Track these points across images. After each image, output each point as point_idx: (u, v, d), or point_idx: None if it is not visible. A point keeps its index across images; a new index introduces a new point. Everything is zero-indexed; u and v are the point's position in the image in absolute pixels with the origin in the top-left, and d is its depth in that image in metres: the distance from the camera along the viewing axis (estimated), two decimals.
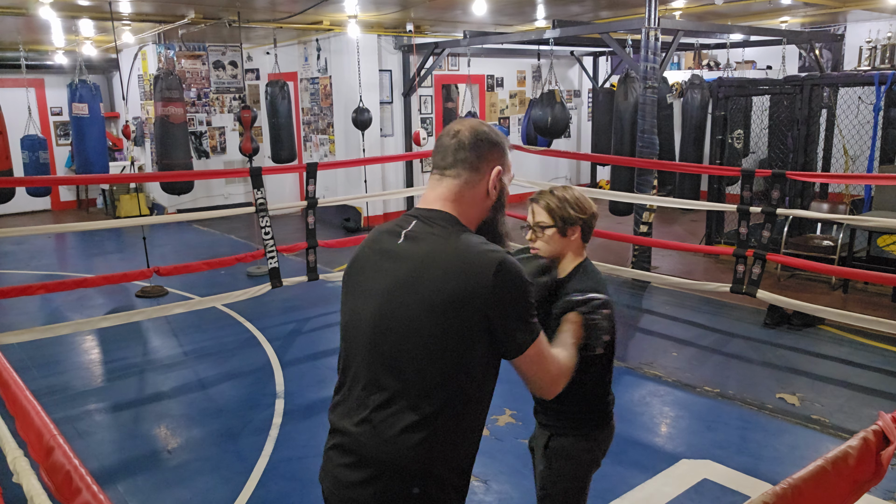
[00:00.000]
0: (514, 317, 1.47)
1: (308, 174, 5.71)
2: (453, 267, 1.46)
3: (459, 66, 10.76)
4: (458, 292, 1.43)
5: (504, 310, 1.45)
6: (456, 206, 1.56)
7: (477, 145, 1.57)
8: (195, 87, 10.87)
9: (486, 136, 1.58)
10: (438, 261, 1.47)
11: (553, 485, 2.18)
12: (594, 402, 2.18)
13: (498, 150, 1.60)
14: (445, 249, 1.49)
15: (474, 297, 1.43)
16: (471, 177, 1.57)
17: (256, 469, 3.62)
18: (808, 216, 6.27)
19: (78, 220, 10.98)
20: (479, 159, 1.57)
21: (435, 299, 1.44)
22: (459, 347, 1.46)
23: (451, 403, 1.48)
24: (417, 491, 1.42)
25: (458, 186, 1.57)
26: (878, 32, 8.43)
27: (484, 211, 1.61)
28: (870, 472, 1.33)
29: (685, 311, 6.11)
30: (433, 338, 1.46)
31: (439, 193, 1.58)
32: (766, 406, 4.22)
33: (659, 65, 6.41)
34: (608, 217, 7.86)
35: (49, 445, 1.42)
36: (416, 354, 1.46)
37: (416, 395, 1.46)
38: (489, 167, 1.58)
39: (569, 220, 2.12)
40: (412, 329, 1.47)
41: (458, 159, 1.56)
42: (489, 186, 1.59)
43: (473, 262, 1.45)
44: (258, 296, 5.58)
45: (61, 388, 4.75)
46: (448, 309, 1.44)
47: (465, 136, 1.57)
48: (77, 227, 9.13)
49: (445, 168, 1.58)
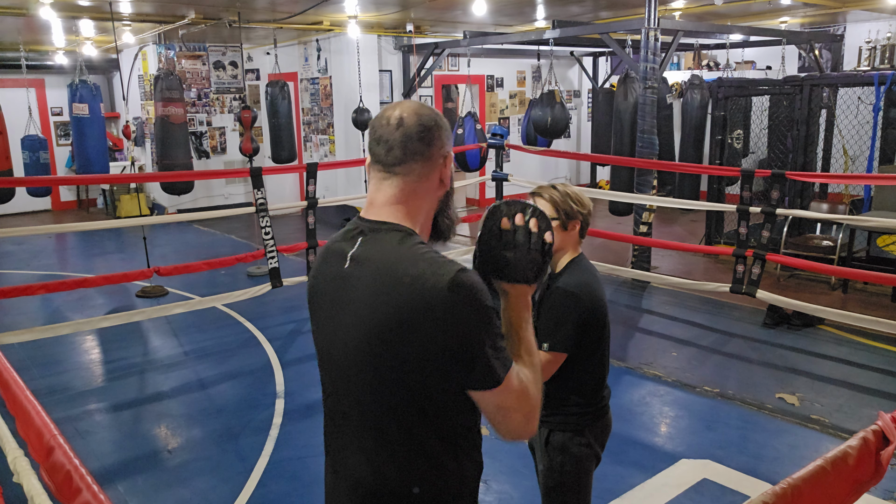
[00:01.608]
0: (475, 342, 1.28)
1: (308, 174, 5.71)
2: (401, 291, 1.29)
3: (459, 67, 10.76)
4: (407, 319, 1.28)
5: (461, 335, 1.27)
6: (407, 208, 1.39)
7: (426, 133, 1.37)
8: (195, 87, 10.87)
9: (433, 120, 1.39)
10: (385, 286, 1.31)
11: (554, 480, 2.19)
12: (590, 397, 2.20)
13: (445, 133, 1.42)
14: (392, 271, 1.32)
15: (425, 323, 1.27)
16: (424, 169, 1.38)
17: (256, 469, 3.62)
18: (807, 216, 6.28)
19: (78, 220, 10.98)
20: (430, 147, 1.38)
21: (385, 330, 1.30)
22: (422, 381, 1.31)
23: (430, 438, 1.37)
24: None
25: (410, 184, 1.38)
26: (877, 33, 8.43)
27: (436, 202, 1.45)
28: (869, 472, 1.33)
29: (685, 311, 6.11)
30: (390, 372, 1.33)
31: (388, 196, 1.39)
32: (765, 406, 4.23)
33: (659, 65, 6.41)
34: (608, 217, 7.86)
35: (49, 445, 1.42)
36: (380, 393, 1.36)
37: (388, 436, 1.38)
38: (440, 154, 1.40)
39: (570, 213, 2.17)
40: (369, 365, 1.35)
41: (409, 153, 1.36)
42: (443, 175, 1.42)
43: (423, 284, 1.28)
44: (258, 296, 5.58)
45: (62, 387, 4.75)
46: (398, 339, 1.30)
47: (410, 125, 1.36)
48: (77, 227, 9.15)
49: (393, 164, 1.37)
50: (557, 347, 2.09)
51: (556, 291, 2.13)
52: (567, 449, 2.17)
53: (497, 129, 7.33)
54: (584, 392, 2.18)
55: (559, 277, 2.16)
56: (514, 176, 7.19)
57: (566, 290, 2.12)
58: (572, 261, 2.21)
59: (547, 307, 2.13)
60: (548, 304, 2.13)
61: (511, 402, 1.33)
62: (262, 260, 5.60)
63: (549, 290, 2.14)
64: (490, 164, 7.94)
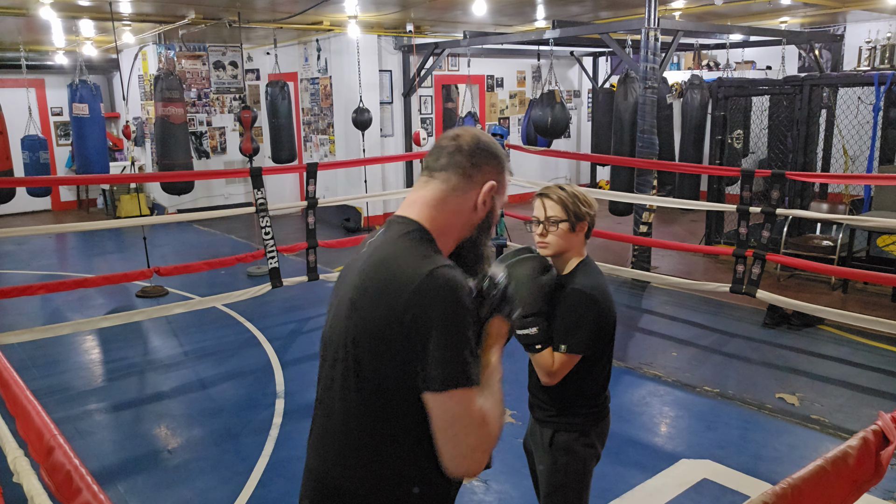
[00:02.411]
0: (437, 340, 1.24)
1: (308, 174, 5.71)
2: (377, 283, 1.31)
3: (459, 67, 10.76)
4: (376, 314, 1.28)
5: (425, 324, 1.24)
6: (435, 213, 1.41)
7: (475, 152, 1.42)
8: (195, 87, 10.87)
9: (488, 146, 1.44)
10: (369, 276, 1.34)
11: (559, 481, 2.19)
12: (596, 398, 2.22)
13: (497, 164, 1.45)
14: (379, 256, 1.35)
15: (394, 304, 1.26)
16: (461, 184, 1.41)
17: (257, 469, 3.62)
18: (807, 216, 6.28)
19: (78, 220, 10.98)
20: (474, 167, 1.42)
21: (358, 322, 1.32)
22: (384, 371, 1.30)
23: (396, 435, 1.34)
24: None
25: (445, 192, 1.41)
26: (877, 33, 8.42)
27: (468, 226, 1.45)
28: (869, 472, 1.33)
29: (685, 311, 6.11)
30: (358, 368, 1.33)
31: (421, 196, 1.43)
32: (765, 406, 4.23)
33: (659, 65, 6.41)
34: (608, 217, 7.86)
35: (49, 445, 1.42)
36: (347, 379, 1.35)
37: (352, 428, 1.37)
38: (483, 179, 1.43)
39: (579, 215, 2.16)
40: (342, 355, 1.36)
41: (452, 162, 1.42)
42: (479, 200, 1.43)
43: (401, 268, 1.29)
44: (258, 296, 5.58)
45: (62, 387, 4.75)
46: (368, 334, 1.30)
47: (465, 141, 1.43)
48: (77, 228, 9.15)
49: (436, 170, 1.43)
50: (574, 349, 2.08)
51: (574, 293, 2.10)
52: (572, 449, 2.17)
53: (497, 129, 7.33)
54: (591, 393, 2.19)
55: (572, 279, 2.14)
56: (514, 176, 7.17)
57: (584, 292, 2.10)
58: (582, 262, 2.20)
59: (564, 308, 2.10)
60: (565, 305, 2.11)
61: (465, 421, 1.26)
62: (262, 260, 5.60)
63: (565, 292, 2.11)
64: None
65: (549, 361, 2.09)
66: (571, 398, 2.17)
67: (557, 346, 2.08)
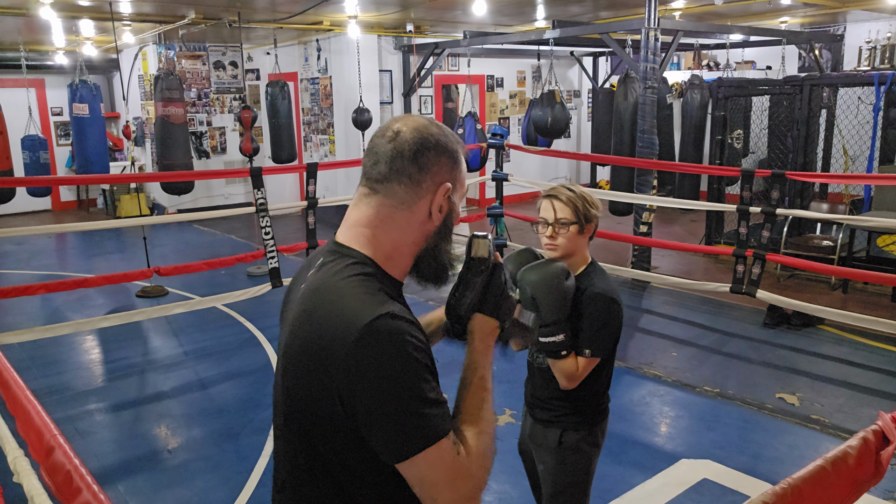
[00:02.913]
0: (384, 407, 1.05)
1: (308, 174, 5.71)
2: (312, 324, 1.13)
3: (459, 67, 10.76)
4: (312, 357, 1.11)
5: (367, 397, 1.06)
6: (379, 235, 1.20)
7: (420, 152, 1.18)
8: (195, 87, 10.87)
9: (435, 141, 1.19)
10: (303, 314, 1.16)
11: (567, 479, 2.20)
12: (602, 396, 2.23)
13: (448, 161, 1.21)
14: (315, 301, 1.16)
15: (328, 365, 1.08)
16: (408, 195, 1.18)
17: (257, 469, 3.62)
18: (807, 216, 6.27)
19: (78, 220, 10.98)
20: (422, 172, 1.18)
21: (291, 365, 1.17)
22: (324, 437, 1.14)
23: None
24: None
25: (389, 207, 1.19)
26: (877, 33, 8.42)
27: (422, 238, 1.23)
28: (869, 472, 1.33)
29: (685, 311, 6.11)
30: (296, 417, 1.18)
31: (361, 216, 1.21)
32: (765, 406, 4.23)
33: (659, 65, 6.41)
34: (608, 217, 7.85)
35: (49, 445, 1.42)
36: (290, 442, 1.22)
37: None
38: (435, 182, 1.19)
39: (588, 216, 2.14)
40: (281, 402, 1.22)
41: (394, 170, 1.18)
42: (433, 207, 1.20)
43: (335, 319, 1.09)
44: (258, 296, 5.57)
45: (62, 387, 4.75)
46: (305, 409, 1.14)
47: (405, 140, 1.18)
48: (77, 227, 9.14)
49: (376, 180, 1.20)
50: (598, 353, 2.08)
51: (599, 298, 2.08)
52: (580, 448, 2.18)
53: (497, 129, 7.34)
54: (599, 392, 2.20)
55: (588, 282, 2.12)
56: (514, 176, 7.19)
57: (607, 297, 2.09)
58: (592, 264, 2.19)
59: (590, 313, 2.07)
60: (590, 309, 2.08)
61: (437, 478, 1.10)
62: (262, 260, 5.60)
63: (584, 296, 2.09)
64: (490, 164, 7.94)
65: (574, 367, 2.06)
66: (580, 398, 2.17)
67: (581, 350, 2.06)
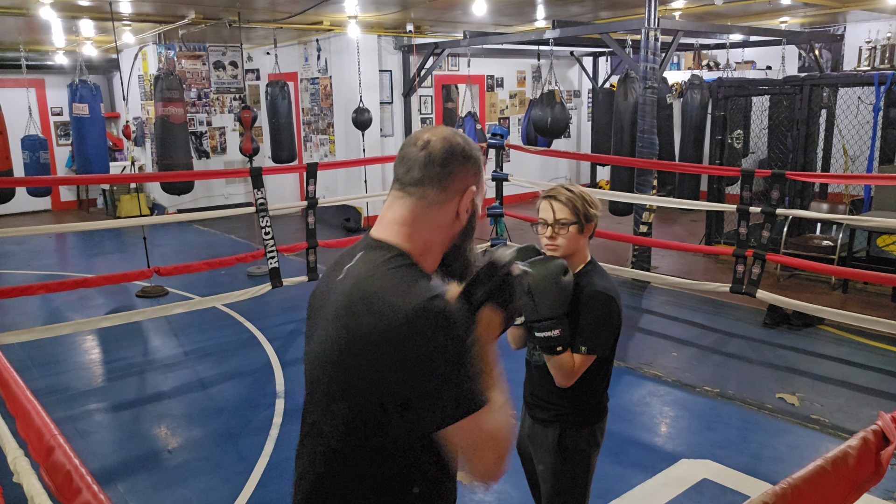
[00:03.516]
0: (436, 378, 1.19)
1: (308, 174, 5.71)
2: (361, 310, 1.23)
3: (459, 67, 10.76)
4: (362, 341, 1.22)
5: (418, 366, 1.19)
6: (414, 232, 1.34)
7: (449, 160, 1.33)
8: (195, 87, 10.87)
9: (461, 149, 1.35)
10: (350, 302, 1.26)
11: (568, 478, 2.20)
12: (602, 395, 2.23)
13: (473, 167, 1.37)
14: (361, 289, 1.27)
15: (380, 346, 1.20)
16: (438, 197, 1.33)
17: (257, 469, 3.62)
18: (807, 216, 6.28)
19: (78, 220, 10.98)
20: (450, 177, 1.33)
21: (336, 350, 1.26)
22: (370, 414, 1.25)
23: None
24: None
25: (422, 208, 1.33)
26: (877, 33, 8.43)
27: (450, 237, 1.38)
28: (869, 472, 1.33)
29: (685, 311, 6.11)
30: (339, 399, 1.28)
31: (397, 216, 1.35)
32: (765, 406, 4.23)
33: (659, 65, 6.41)
34: (608, 217, 7.85)
35: (49, 445, 1.42)
36: (331, 421, 1.32)
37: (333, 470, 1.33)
38: (461, 186, 1.35)
39: (588, 216, 2.14)
40: (322, 385, 1.32)
41: (426, 175, 1.32)
42: (459, 209, 1.36)
43: (385, 304, 1.21)
44: (258, 296, 5.58)
45: (62, 387, 4.75)
46: (349, 361, 1.24)
47: (435, 148, 1.33)
48: (77, 227, 9.16)
49: (409, 184, 1.34)
50: (595, 350, 2.08)
51: (598, 295, 2.08)
52: (580, 448, 2.18)
53: (497, 129, 7.33)
54: (598, 390, 2.20)
55: (587, 280, 2.13)
56: (514, 176, 7.20)
57: (606, 294, 2.09)
58: (591, 263, 2.19)
59: (588, 310, 2.08)
60: (589, 307, 2.08)
61: (482, 441, 1.25)
62: (262, 260, 5.60)
63: (584, 294, 2.09)
64: (490, 164, 7.93)
65: (570, 363, 2.06)
66: (580, 397, 2.16)
67: (577, 347, 2.07)
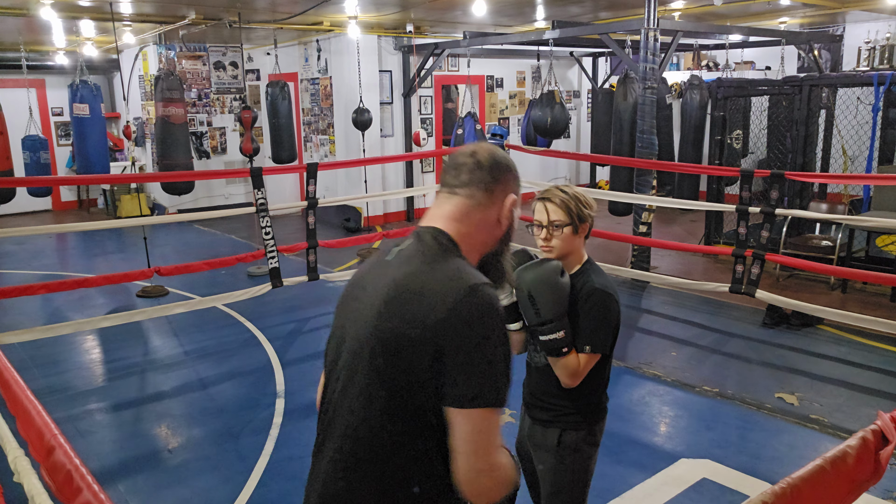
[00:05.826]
0: (473, 357, 1.25)
1: (308, 174, 5.71)
2: (413, 295, 1.31)
3: (459, 67, 10.76)
4: (411, 326, 1.28)
5: (461, 344, 1.25)
6: (461, 227, 1.43)
7: (495, 168, 1.46)
8: (196, 87, 10.87)
9: (505, 161, 1.49)
10: (404, 287, 1.33)
11: (567, 479, 2.20)
12: (601, 395, 2.23)
13: (513, 178, 1.50)
14: (415, 274, 1.34)
15: (429, 328, 1.26)
16: (484, 199, 1.44)
17: (257, 469, 3.62)
18: (806, 216, 6.28)
19: (79, 220, 10.98)
20: (495, 182, 1.45)
21: (389, 332, 1.31)
22: (401, 393, 1.30)
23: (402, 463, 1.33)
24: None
25: (470, 207, 1.44)
26: (876, 33, 8.42)
27: (492, 239, 1.48)
28: (868, 472, 1.34)
29: (684, 310, 6.11)
30: (372, 378, 1.32)
31: (446, 211, 1.45)
32: (765, 406, 4.23)
33: (658, 65, 6.41)
34: (608, 217, 7.86)
35: (50, 445, 1.42)
36: (357, 397, 1.35)
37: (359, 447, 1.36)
38: (503, 193, 1.47)
39: (582, 217, 2.15)
40: (356, 366, 1.36)
41: (474, 178, 1.44)
42: (502, 214, 1.47)
43: (434, 289, 1.29)
44: (258, 296, 5.58)
45: (62, 387, 4.75)
46: (399, 345, 1.29)
47: (482, 157, 1.46)
48: (78, 228, 9.14)
49: (458, 186, 1.45)
50: (598, 349, 2.08)
51: (596, 294, 2.08)
52: (579, 448, 2.18)
53: (497, 130, 7.35)
54: (598, 391, 2.20)
55: (585, 279, 2.13)
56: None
57: (605, 292, 2.09)
58: (588, 263, 2.19)
59: (587, 308, 2.08)
60: (588, 305, 2.08)
61: (489, 440, 1.28)
62: (263, 260, 5.61)
63: (582, 293, 2.09)
64: None
65: (576, 364, 2.06)
66: (579, 397, 2.17)
67: (582, 347, 2.07)
